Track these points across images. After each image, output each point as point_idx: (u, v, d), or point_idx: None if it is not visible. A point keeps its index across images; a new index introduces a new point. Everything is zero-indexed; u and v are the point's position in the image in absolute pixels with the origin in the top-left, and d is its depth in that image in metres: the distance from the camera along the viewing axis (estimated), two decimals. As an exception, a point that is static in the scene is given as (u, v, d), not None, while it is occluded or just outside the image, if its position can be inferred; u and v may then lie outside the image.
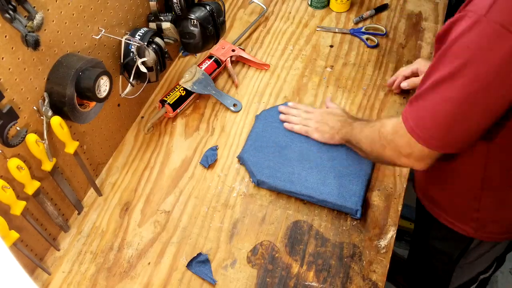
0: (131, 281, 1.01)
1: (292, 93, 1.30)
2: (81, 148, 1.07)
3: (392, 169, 1.14)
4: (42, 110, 0.89)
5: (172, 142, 1.23)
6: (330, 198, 1.07)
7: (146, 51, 1.07)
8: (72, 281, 1.02)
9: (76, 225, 1.10)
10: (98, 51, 1.03)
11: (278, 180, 1.10)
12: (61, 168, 1.02)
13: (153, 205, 1.12)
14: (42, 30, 0.84)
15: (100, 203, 1.13)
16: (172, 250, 1.05)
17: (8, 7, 0.75)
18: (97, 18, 0.99)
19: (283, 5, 1.53)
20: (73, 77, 0.89)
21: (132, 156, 1.21)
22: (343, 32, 1.44)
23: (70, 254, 1.06)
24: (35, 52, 0.84)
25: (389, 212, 1.08)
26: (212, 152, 1.19)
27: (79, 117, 0.95)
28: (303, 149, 1.15)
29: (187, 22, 1.18)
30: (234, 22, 1.48)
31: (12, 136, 0.84)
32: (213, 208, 1.11)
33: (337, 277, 0.99)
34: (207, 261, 1.02)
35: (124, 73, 1.11)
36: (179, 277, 1.01)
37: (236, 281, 1.00)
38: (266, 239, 1.05)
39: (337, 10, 1.49)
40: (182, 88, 1.25)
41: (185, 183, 1.15)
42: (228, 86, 1.33)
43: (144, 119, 1.28)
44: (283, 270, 1.01)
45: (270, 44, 1.42)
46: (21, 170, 0.86)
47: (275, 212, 1.09)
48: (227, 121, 1.26)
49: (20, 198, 0.89)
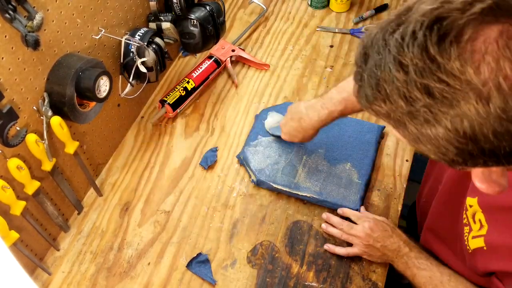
0: (131, 281, 1.01)
1: (292, 93, 1.30)
2: (81, 148, 1.07)
3: (392, 169, 1.14)
4: (42, 110, 0.89)
5: (172, 142, 1.23)
6: (330, 198, 1.07)
7: (146, 51, 1.06)
8: (72, 281, 1.02)
9: (76, 225, 1.10)
10: (98, 51, 1.03)
11: (278, 180, 1.10)
12: (61, 168, 1.02)
13: (153, 205, 1.12)
14: (42, 30, 0.84)
15: (100, 203, 1.13)
16: (172, 250, 1.05)
17: (8, 7, 0.75)
18: (97, 18, 0.99)
19: (283, 5, 1.53)
20: (73, 77, 0.89)
21: (132, 156, 1.21)
22: (343, 32, 1.44)
23: (70, 254, 1.06)
24: (35, 52, 0.84)
25: (389, 212, 1.08)
26: (212, 154, 1.19)
27: (79, 117, 0.95)
28: (303, 149, 1.15)
29: (187, 22, 1.18)
30: (234, 22, 1.48)
31: (12, 136, 0.84)
32: (213, 208, 1.10)
33: (337, 277, 0.99)
34: (207, 261, 1.02)
35: (124, 73, 1.11)
36: (179, 277, 1.01)
37: (236, 281, 1.00)
38: (266, 239, 1.05)
39: (337, 10, 1.49)
40: (182, 88, 1.25)
41: (185, 183, 1.15)
42: (228, 86, 1.33)
43: (144, 119, 1.28)
44: (283, 270, 1.01)
45: (270, 44, 1.42)
46: (21, 170, 0.86)
47: (275, 212, 1.09)
48: (227, 121, 1.26)
49: (20, 198, 0.89)
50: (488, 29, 0.45)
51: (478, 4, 0.46)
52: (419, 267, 0.92)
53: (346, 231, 1.01)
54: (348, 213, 1.04)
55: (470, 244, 0.81)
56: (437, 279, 0.90)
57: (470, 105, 0.45)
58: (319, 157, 1.14)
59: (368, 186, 1.11)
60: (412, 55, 0.47)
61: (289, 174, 1.11)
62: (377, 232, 0.97)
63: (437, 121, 0.48)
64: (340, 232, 1.02)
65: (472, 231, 0.81)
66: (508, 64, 0.44)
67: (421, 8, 0.48)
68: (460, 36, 0.45)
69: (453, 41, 0.46)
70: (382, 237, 0.97)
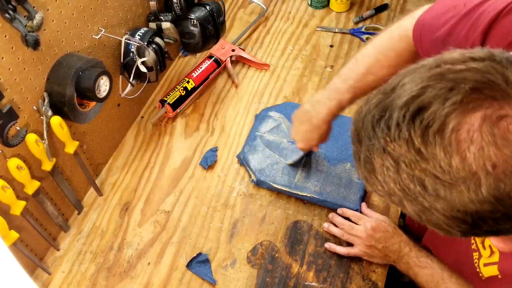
0: (131, 281, 1.01)
1: (292, 93, 1.30)
2: (81, 148, 1.07)
3: (392, 169, 1.14)
4: (42, 110, 0.89)
5: (172, 142, 1.23)
6: (330, 198, 1.07)
7: (146, 51, 1.06)
8: (72, 281, 1.02)
9: (76, 225, 1.10)
10: (98, 51, 1.03)
11: (278, 180, 1.10)
12: (61, 168, 1.02)
13: (153, 205, 1.12)
14: (42, 30, 0.84)
15: (100, 203, 1.13)
16: (172, 250, 1.05)
17: (8, 7, 0.75)
18: (97, 18, 0.99)
19: (283, 5, 1.53)
20: (73, 77, 0.89)
21: (132, 156, 1.21)
22: (343, 32, 1.44)
23: (70, 254, 1.06)
24: (35, 52, 0.84)
25: (389, 212, 1.08)
26: (212, 154, 1.19)
27: (79, 117, 0.95)
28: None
29: (187, 22, 1.18)
30: (234, 22, 1.48)
31: (12, 136, 0.84)
32: (213, 208, 1.10)
33: (337, 277, 0.99)
34: (207, 261, 1.02)
35: (124, 73, 1.11)
36: (179, 277, 1.01)
37: (236, 281, 1.00)
38: (266, 239, 1.05)
39: (337, 10, 1.49)
40: (182, 87, 1.25)
41: (185, 183, 1.15)
42: (228, 86, 1.33)
43: (144, 119, 1.28)
44: (283, 270, 1.01)
45: (270, 44, 1.42)
46: (21, 170, 0.86)
47: (275, 212, 1.09)
48: (227, 121, 1.26)
49: (20, 198, 0.89)
50: (471, 118, 0.45)
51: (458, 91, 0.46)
52: (420, 265, 0.92)
53: (347, 231, 1.01)
54: (348, 214, 1.04)
55: (483, 271, 0.79)
56: (438, 275, 0.90)
57: (462, 195, 0.46)
58: (319, 157, 1.14)
59: (368, 186, 1.11)
60: (399, 147, 0.48)
61: (289, 174, 1.11)
62: (379, 233, 0.97)
63: (436, 210, 0.49)
64: (341, 232, 1.02)
65: (482, 257, 0.79)
66: (493, 152, 0.44)
67: (404, 91, 0.49)
68: (443, 128, 0.46)
69: (437, 133, 0.46)
70: (384, 238, 0.97)
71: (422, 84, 0.48)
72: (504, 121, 0.44)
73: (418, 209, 0.51)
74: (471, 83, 0.46)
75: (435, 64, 0.49)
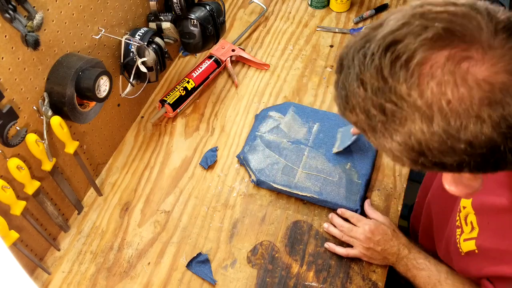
0: (131, 281, 1.01)
1: (292, 93, 1.30)
2: (81, 148, 1.07)
3: (392, 169, 1.14)
4: (42, 110, 0.89)
5: (172, 142, 1.23)
6: (330, 198, 1.07)
7: (146, 51, 1.07)
8: (72, 281, 1.02)
9: (76, 225, 1.10)
10: (98, 51, 1.03)
11: (278, 180, 1.10)
12: (61, 168, 1.02)
13: (153, 205, 1.12)
14: (42, 30, 0.84)
15: (100, 203, 1.13)
16: (172, 250, 1.05)
17: (8, 7, 0.75)
18: (97, 18, 0.99)
19: (283, 5, 1.53)
20: (73, 77, 0.89)
21: (132, 156, 1.21)
22: (343, 32, 1.44)
23: (70, 254, 1.06)
24: (35, 52, 0.84)
25: (389, 212, 1.08)
26: (211, 154, 1.19)
27: (79, 117, 0.95)
28: (303, 149, 1.15)
29: (187, 22, 1.18)
30: (234, 22, 1.48)
31: (12, 136, 0.84)
32: (213, 208, 1.11)
33: (337, 277, 0.99)
34: (207, 261, 1.02)
35: (124, 73, 1.11)
36: (179, 277, 1.01)
37: (236, 281, 1.00)
38: (266, 239, 1.05)
39: (337, 10, 1.49)
40: (182, 87, 1.25)
41: (185, 183, 1.15)
42: (228, 86, 1.33)
43: (144, 119, 1.28)
44: (283, 270, 1.01)
45: (270, 44, 1.42)
46: (21, 170, 0.86)
47: (275, 212, 1.09)
48: (227, 121, 1.26)
49: (20, 198, 0.89)
50: (437, 54, 0.48)
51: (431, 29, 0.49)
52: (418, 267, 0.92)
53: (346, 232, 1.01)
54: (347, 215, 1.04)
55: (462, 246, 0.81)
56: (435, 277, 0.90)
57: (415, 124, 0.51)
58: (319, 157, 1.14)
59: (368, 186, 1.11)
60: (369, 75, 0.52)
61: (289, 174, 1.11)
62: (378, 236, 0.97)
63: (391, 136, 0.53)
64: (340, 233, 1.02)
65: (463, 233, 0.81)
66: (450, 89, 0.48)
67: (387, 27, 0.52)
68: (410, 60, 0.49)
69: (403, 65, 0.50)
70: (383, 241, 0.97)
71: (402, 21, 0.52)
72: (467, 62, 0.48)
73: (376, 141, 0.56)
74: (444, 23, 0.49)
75: (420, 5, 0.53)
